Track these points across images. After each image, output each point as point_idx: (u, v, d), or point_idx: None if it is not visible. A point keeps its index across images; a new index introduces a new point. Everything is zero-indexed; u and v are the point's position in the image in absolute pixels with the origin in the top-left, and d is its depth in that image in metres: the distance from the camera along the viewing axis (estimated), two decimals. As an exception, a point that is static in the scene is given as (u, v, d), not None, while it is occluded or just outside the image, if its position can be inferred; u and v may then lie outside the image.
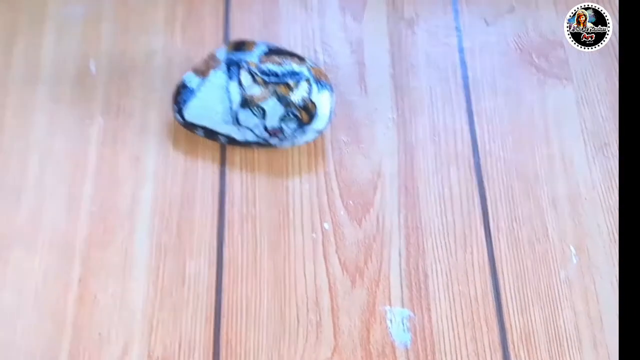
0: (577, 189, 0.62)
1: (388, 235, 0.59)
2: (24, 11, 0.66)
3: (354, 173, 0.62)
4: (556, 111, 0.66)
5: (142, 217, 0.58)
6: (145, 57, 0.65)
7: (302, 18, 0.69)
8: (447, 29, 0.70)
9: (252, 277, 0.57)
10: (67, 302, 0.54)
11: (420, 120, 0.65)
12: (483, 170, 0.63)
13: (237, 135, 0.58)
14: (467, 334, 0.56)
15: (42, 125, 0.61)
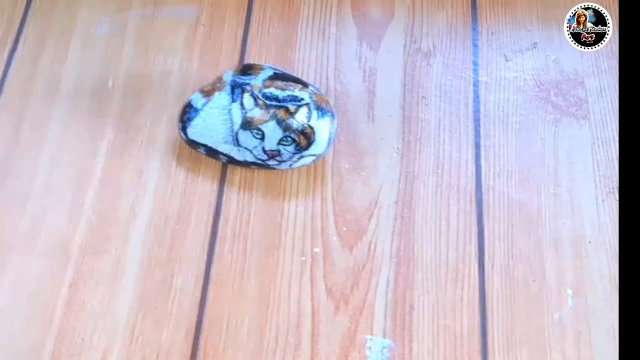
0: (581, 231, 0.61)
1: (378, 264, 0.60)
2: (55, 25, 0.71)
3: (352, 200, 0.63)
4: (569, 151, 0.65)
5: (137, 228, 0.61)
6: (161, 76, 0.69)
7: (318, 45, 0.71)
8: (464, 63, 0.70)
9: (237, 296, 0.58)
10: (56, 306, 0.58)
11: (425, 151, 0.65)
12: (484, 206, 0.62)
13: (237, 155, 0.61)
14: (448, 371, 0.55)
15: (56, 136, 0.65)
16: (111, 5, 0.73)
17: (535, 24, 0.73)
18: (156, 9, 0.73)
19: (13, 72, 0.69)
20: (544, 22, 0.73)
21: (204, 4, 0.73)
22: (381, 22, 0.73)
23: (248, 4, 0.73)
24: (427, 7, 0.74)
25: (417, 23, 0.73)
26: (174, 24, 0.72)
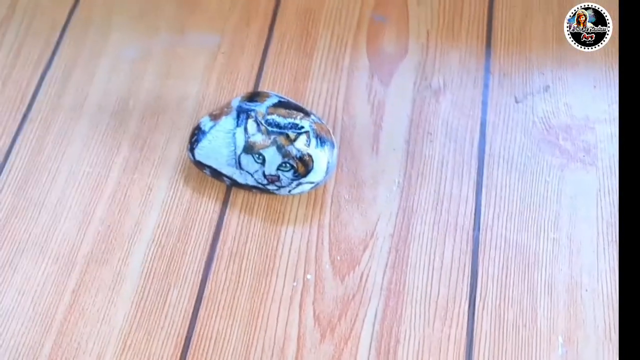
0: (578, 279, 0.60)
1: (368, 295, 0.60)
2: (86, 47, 0.76)
3: (348, 229, 0.64)
4: (573, 196, 0.65)
5: (140, 242, 0.64)
6: (178, 99, 0.72)
7: (330, 76, 0.73)
8: (473, 102, 0.71)
9: (227, 315, 0.60)
10: (58, 310, 0.61)
11: (426, 186, 0.66)
12: (480, 245, 0.63)
13: (239, 178, 0.63)
14: (426, 408, 0.55)
15: (76, 150, 0.69)
16: (141, 31, 0.77)
17: (550, 67, 0.73)
18: (181, 36, 0.77)
19: (44, 88, 0.73)
20: (559, 65, 0.73)
21: (226, 33, 0.77)
22: (394, 57, 0.75)
23: (268, 35, 0.76)
24: (441, 45, 0.75)
25: (429, 60, 0.74)
26: (196, 50, 0.76)
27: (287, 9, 0.79)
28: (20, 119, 0.71)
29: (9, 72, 0.74)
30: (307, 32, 0.77)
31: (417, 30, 0.77)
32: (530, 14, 0.77)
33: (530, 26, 0.76)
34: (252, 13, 0.78)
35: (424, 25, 0.77)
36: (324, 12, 0.78)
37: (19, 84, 0.74)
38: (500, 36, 0.76)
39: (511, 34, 0.76)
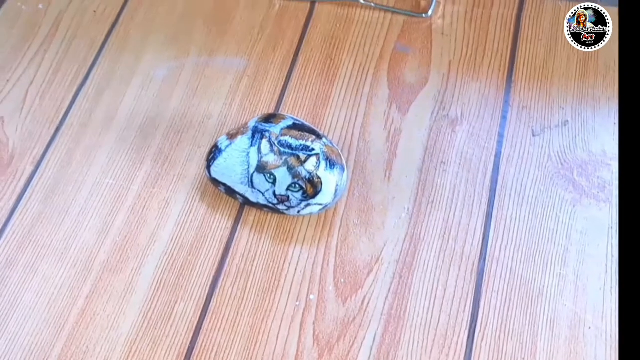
0: (582, 316, 0.60)
1: (368, 319, 0.61)
2: (121, 66, 0.80)
3: (354, 253, 0.65)
4: (583, 232, 0.65)
5: (154, 254, 0.66)
6: (202, 118, 0.75)
7: (350, 103, 0.75)
8: (490, 134, 0.72)
9: (230, 329, 0.62)
10: (71, 314, 0.64)
11: (435, 215, 0.67)
12: (485, 276, 0.63)
13: (251, 196, 0.65)
14: None
15: (102, 163, 0.73)
16: (172, 53, 0.81)
17: (570, 102, 0.73)
18: (210, 59, 0.80)
19: (78, 104, 0.78)
20: (580, 101, 0.73)
21: (252, 57, 0.80)
22: (414, 87, 0.76)
23: (292, 60, 0.79)
24: (462, 76, 0.76)
25: (449, 90, 0.75)
26: (223, 72, 0.79)
27: (314, 35, 0.81)
28: (54, 132, 0.76)
29: (47, 87, 0.79)
30: (331, 59, 0.79)
31: (440, 61, 0.78)
32: (555, 49, 0.77)
33: (554, 61, 0.77)
34: (279, 39, 0.81)
35: (447, 56, 0.78)
36: (349, 41, 0.81)
37: (55, 99, 0.78)
38: (522, 69, 0.77)
39: (534, 67, 0.77)
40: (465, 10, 0.82)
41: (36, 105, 0.78)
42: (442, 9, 0.82)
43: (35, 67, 0.81)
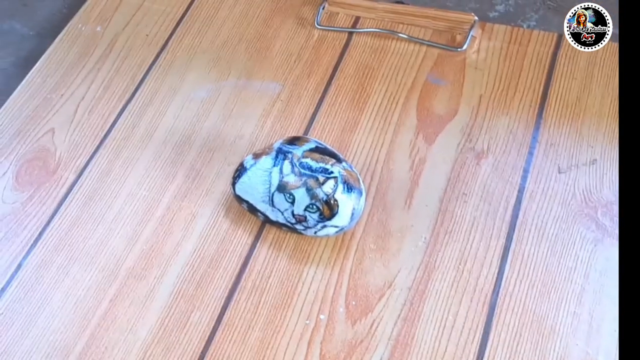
0: (594, 356, 0.59)
1: (375, 343, 0.62)
2: (165, 85, 0.85)
3: (367, 277, 0.66)
4: (602, 272, 0.64)
5: (176, 264, 0.69)
6: (234, 138, 0.78)
7: (377, 130, 0.77)
8: (515, 168, 0.72)
9: (240, 341, 0.64)
10: (95, 315, 0.67)
11: (452, 246, 0.67)
12: (497, 310, 0.62)
13: (271, 215, 0.68)
14: None
15: (138, 175, 0.77)
16: (214, 75, 0.86)
17: (600, 141, 0.73)
18: (247, 82, 0.84)
19: (122, 119, 0.83)
20: (610, 141, 0.72)
21: (287, 83, 0.83)
22: (443, 118, 0.77)
23: (325, 87, 0.82)
24: (492, 110, 0.77)
25: (477, 124, 0.76)
26: (258, 96, 0.82)
27: (349, 64, 0.84)
28: (98, 144, 0.81)
29: (97, 103, 0.85)
30: (363, 87, 0.81)
31: (471, 94, 0.79)
32: (589, 87, 0.77)
33: (587, 99, 0.76)
34: (314, 67, 0.84)
35: (478, 90, 0.79)
36: (382, 70, 0.83)
37: (102, 114, 0.83)
38: (554, 106, 0.76)
39: (566, 105, 0.76)
40: (500, 46, 0.83)
41: (84, 119, 0.83)
42: (478, 44, 0.83)
43: (87, 84, 0.87)
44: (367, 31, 0.87)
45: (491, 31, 0.84)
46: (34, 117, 0.84)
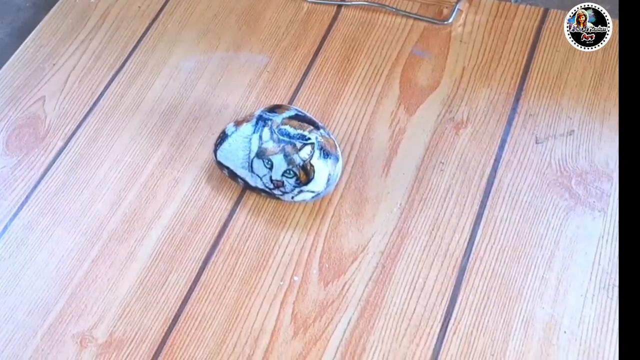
0: (559, 319, 0.60)
1: (346, 304, 0.64)
2: (154, 57, 0.87)
3: (342, 241, 0.68)
4: (573, 239, 0.65)
5: (157, 227, 0.72)
6: (220, 108, 0.80)
7: (360, 101, 0.78)
8: (493, 138, 0.73)
9: (215, 301, 0.66)
10: (76, 275, 0.70)
11: (426, 212, 0.69)
12: (466, 273, 0.64)
13: (251, 180, 0.70)
14: (375, 416, 0.57)
15: (123, 143, 0.79)
16: (203, 46, 0.87)
17: (579, 112, 0.73)
18: (236, 53, 0.86)
19: (112, 89, 0.85)
20: (588, 111, 0.73)
21: (274, 55, 0.84)
22: (425, 90, 0.78)
23: (312, 59, 0.83)
24: (474, 82, 0.78)
25: (458, 95, 0.77)
26: (245, 67, 0.84)
27: (336, 37, 0.85)
28: (86, 112, 0.83)
29: (87, 72, 0.87)
30: (349, 59, 0.83)
31: (454, 67, 0.80)
32: (572, 60, 0.77)
33: (569, 72, 0.77)
34: (302, 39, 0.86)
35: (462, 63, 0.80)
36: (369, 43, 0.84)
37: (92, 83, 0.86)
38: (535, 77, 0.77)
39: (547, 77, 0.77)
40: (486, 20, 0.84)
41: (75, 88, 0.85)
42: (464, 18, 0.84)
43: (79, 54, 0.89)
44: (356, 4, 0.88)
45: (478, 5, 0.85)
46: (26, 86, 0.86)
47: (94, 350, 0.65)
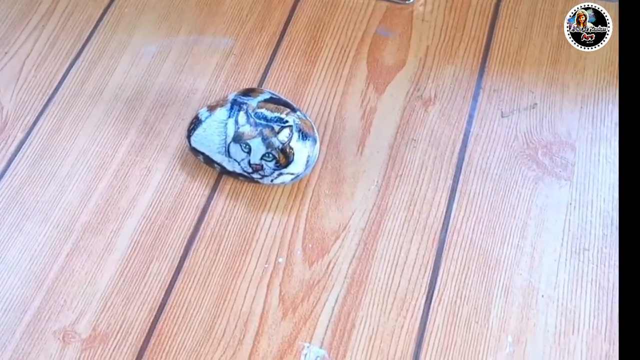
0: (536, 285, 0.63)
1: (332, 282, 0.64)
2: (114, 42, 0.84)
3: (323, 221, 0.68)
4: (543, 208, 0.68)
5: (133, 217, 0.70)
6: (187, 93, 0.79)
7: (329, 82, 0.79)
8: (460, 113, 0.75)
9: (200, 288, 0.65)
10: (51, 270, 0.67)
11: (402, 188, 0.70)
12: (445, 246, 0.66)
13: (228, 165, 0.69)
14: (370, 389, 0.58)
15: (89, 132, 0.77)
16: (164, 30, 0.85)
17: (540, 87, 0.76)
18: (199, 37, 0.84)
19: (71, 76, 0.82)
20: (549, 86, 0.76)
21: (240, 37, 0.83)
22: (392, 69, 0.79)
23: (278, 40, 0.83)
24: (438, 60, 0.79)
25: (425, 73, 0.79)
26: (210, 51, 0.83)
27: (300, 18, 0.85)
28: (46, 101, 0.80)
29: (43, 60, 0.83)
30: (315, 40, 0.83)
31: (418, 46, 0.81)
32: (530, 37, 0.80)
33: (528, 48, 0.80)
34: (266, 21, 0.85)
35: (425, 41, 0.82)
36: (333, 24, 0.84)
37: (49, 71, 0.82)
38: (496, 54, 0.80)
39: (508, 53, 0.80)
40: (446, -1, 0.85)
41: (31, 77, 0.82)
42: (424, -3, 0.86)
43: (32, 41, 0.85)
44: (316, -15, 0.88)
45: (436, -16, 0.87)
46: (-23, 76, 0.82)
47: (78, 345, 0.63)
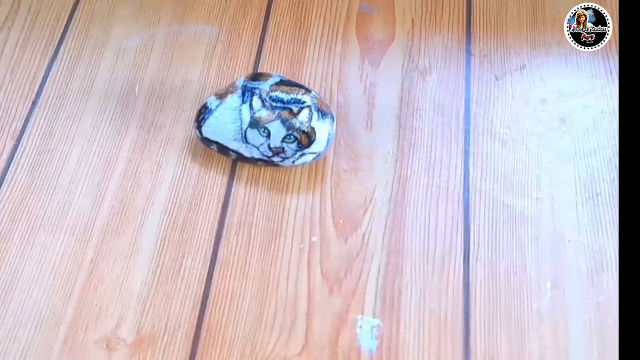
0: (561, 232, 0.66)
1: (370, 254, 0.65)
2: (91, 39, 0.80)
3: (348, 196, 0.69)
4: (552, 160, 0.71)
5: (153, 214, 0.67)
6: (182, 84, 0.76)
7: (324, 61, 0.79)
8: (457, 80, 0.77)
9: (240, 276, 0.64)
10: (78, 279, 0.64)
11: (417, 156, 0.71)
12: (471, 206, 0.68)
13: (245, 152, 0.68)
14: (432, 348, 0.60)
15: (85, 132, 0.73)
16: (142, 23, 0.82)
17: (525, 49, 0.80)
18: (181, 27, 0.81)
19: (52, 77, 0.77)
20: (533, 46, 0.80)
21: (223, 24, 0.81)
22: (382, 43, 0.80)
23: (263, 25, 0.82)
24: (425, 31, 0.81)
25: (415, 45, 0.80)
26: (196, 40, 0.80)
27: (281, 1, 0.84)
28: (30, 105, 0.75)
29: (17, 63, 0.78)
30: (301, 22, 0.82)
31: (403, 19, 0.83)
32: (505, 3, 0.84)
33: (506, 14, 0.83)
34: (247, 7, 0.83)
35: (409, 14, 0.83)
36: (315, 4, 0.84)
37: (27, 73, 0.77)
38: (478, 22, 0.82)
39: (488, 20, 0.83)
40: (420, -29, 0.87)
41: (8, 81, 0.76)
42: (400, -29, 0.87)
43: (1, 44, 0.79)
44: (290, -33, 0.87)
45: (408, -42, 0.88)
46: (-53, 86, 0.76)
47: (125, 351, 0.60)
